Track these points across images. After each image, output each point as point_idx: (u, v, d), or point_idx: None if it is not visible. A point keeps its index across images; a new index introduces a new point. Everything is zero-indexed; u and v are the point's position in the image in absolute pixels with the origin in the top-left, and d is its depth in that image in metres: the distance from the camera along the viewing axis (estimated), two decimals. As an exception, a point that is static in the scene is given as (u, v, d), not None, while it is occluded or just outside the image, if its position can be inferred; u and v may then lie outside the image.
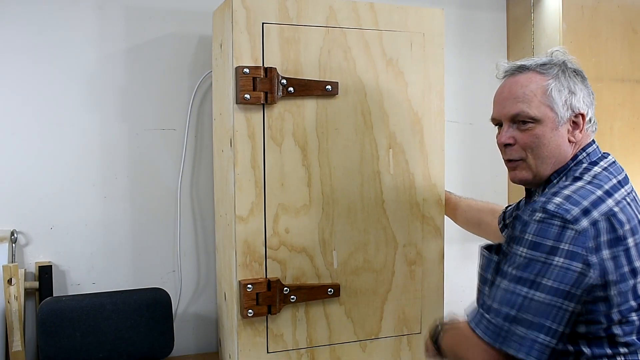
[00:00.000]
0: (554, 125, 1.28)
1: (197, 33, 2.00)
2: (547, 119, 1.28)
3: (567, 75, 1.30)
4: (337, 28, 1.66)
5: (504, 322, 1.17)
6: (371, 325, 1.76)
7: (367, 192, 1.72)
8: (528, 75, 1.31)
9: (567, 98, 1.28)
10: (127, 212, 1.97)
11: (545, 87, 1.28)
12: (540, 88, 1.29)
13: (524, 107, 1.29)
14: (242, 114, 1.59)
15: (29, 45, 1.85)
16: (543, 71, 1.30)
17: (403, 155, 1.75)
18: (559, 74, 1.30)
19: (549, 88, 1.28)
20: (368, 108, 1.70)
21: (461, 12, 2.34)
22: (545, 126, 1.29)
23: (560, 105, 1.28)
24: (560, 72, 1.30)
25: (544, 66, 1.31)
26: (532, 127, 1.29)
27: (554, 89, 1.28)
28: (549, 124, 1.28)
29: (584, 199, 1.18)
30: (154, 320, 1.83)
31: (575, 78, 1.31)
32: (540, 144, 1.29)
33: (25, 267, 1.86)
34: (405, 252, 1.77)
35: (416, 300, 1.80)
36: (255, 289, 1.60)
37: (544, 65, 1.31)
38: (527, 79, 1.31)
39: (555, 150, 1.29)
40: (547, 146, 1.29)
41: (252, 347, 1.65)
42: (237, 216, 1.60)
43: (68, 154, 1.90)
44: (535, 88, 1.29)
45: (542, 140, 1.29)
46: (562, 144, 1.30)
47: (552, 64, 1.31)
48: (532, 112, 1.29)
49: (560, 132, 1.29)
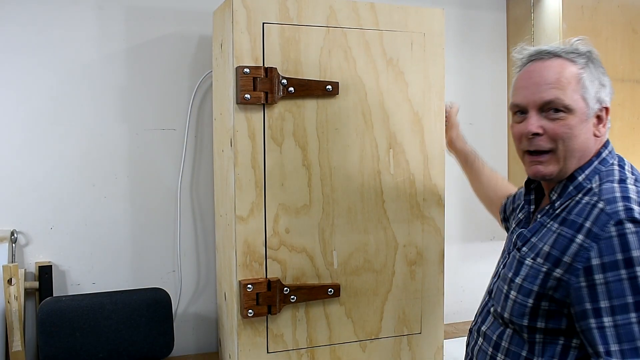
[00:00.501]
0: (584, 117, 1.21)
1: (197, 33, 2.00)
2: (578, 109, 1.20)
3: (596, 66, 1.24)
4: (337, 28, 1.66)
5: None
6: (371, 326, 1.76)
7: (368, 192, 1.72)
8: (559, 62, 1.23)
9: (598, 90, 1.22)
10: (127, 212, 1.97)
11: (579, 75, 1.21)
12: (573, 76, 1.21)
13: (558, 94, 1.20)
14: (242, 114, 1.59)
15: (29, 45, 1.85)
16: (574, 59, 1.22)
17: (403, 156, 1.75)
18: (588, 64, 1.23)
19: (582, 77, 1.21)
20: (368, 108, 1.70)
21: (461, 12, 2.34)
22: (576, 117, 1.20)
23: (592, 96, 1.21)
24: (589, 62, 1.23)
25: (572, 54, 1.23)
26: (564, 117, 1.20)
27: (586, 78, 1.21)
28: (580, 115, 1.20)
29: None
30: (154, 320, 1.83)
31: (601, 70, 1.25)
32: (571, 135, 1.20)
33: (25, 267, 1.86)
34: (405, 252, 1.77)
35: (416, 301, 1.80)
36: (256, 289, 1.60)
37: (572, 53, 1.23)
38: (559, 65, 1.22)
39: (583, 144, 1.22)
40: (577, 138, 1.21)
41: (252, 347, 1.65)
42: (237, 216, 1.60)
43: (68, 153, 1.90)
44: (569, 75, 1.21)
45: (573, 131, 1.20)
46: (590, 137, 1.22)
47: (578, 53, 1.23)
48: (567, 101, 1.20)
49: (588, 125, 1.22)
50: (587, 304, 1.11)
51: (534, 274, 1.20)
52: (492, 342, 1.30)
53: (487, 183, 1.76)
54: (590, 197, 1.18)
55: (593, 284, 1.11)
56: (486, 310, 1.37)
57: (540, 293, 1.19)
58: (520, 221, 1.39)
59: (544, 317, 1.20)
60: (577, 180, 1.23)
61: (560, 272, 1.15)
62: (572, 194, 1.23)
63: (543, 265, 1.19)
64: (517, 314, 1.22)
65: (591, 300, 1.11)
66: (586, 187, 1.22)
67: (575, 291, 1.13)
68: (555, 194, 1.26)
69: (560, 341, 1.19)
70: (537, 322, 1.21)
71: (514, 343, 1.25)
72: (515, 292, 1.23)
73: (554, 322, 1.19)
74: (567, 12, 2.13)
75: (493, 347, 1.30)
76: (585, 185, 1.22)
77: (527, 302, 1.21)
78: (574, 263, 1.13)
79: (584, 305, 1.12)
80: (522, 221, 1.38)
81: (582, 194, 1.21)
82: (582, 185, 1.23)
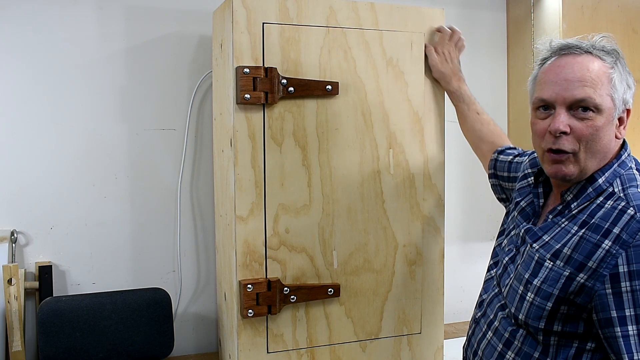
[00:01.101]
0: (611, 118, 1.18)
1: (197, 33, 2.00)
2: (607, 110, 1.17)
3: (623, 66, 1.20)
4: (337, 28, 1.66)
5: None
6: (371, 326, 1.76)
7: (368, 192, 1.72)
8: (590, 58, 1.18)
9: (625, 90, 1.19)
10: (127, 212, 1.97)
11: (610, 75, 1.17)
12: (605, 75, 1.17)
13: (591, 93, 1.16)
14: (242, 114, 1.59)
15: (29, 45, 1.85)
16: (603, 57, 1.18)
17: (403, 156, 1.75)
18: (617, 63, 1.19)
19: (613, 77, 1.17)
20: (368, 108, 1.70)
21: (461, 12, 2.34)
22: (604, 117, 1.17)
23: (620, 97, 1.18)
24: (617, 62, 1.19)
25: (601, 52, 1.19)
26: (593, 117, 1.16)
27: (616, 78, 1.17)
28: (608, 115, 1.17)
29: None
30: (154, 320, 1.83)
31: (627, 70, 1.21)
32: (597, 137, 1.17)
33: (25, 267, 1.86)
34: (405, 252, 1.77)
35: (416, 301, 1.80)
36: (256, 289, 1.60)
37: (601, 50, 1.19)
38: (589, 63, 1.18)
39: (606, 146, 1.19)
40: (602, 140, 1.18)
41: (252, 347, 1.65)
42: (237, 216, 1.60)
43: (68, 154, 1.90)
44: (601, 74, 1.17)
45: (599, 133, 1.17)
46: (612, 139, 1.20)
47: (606, 51, 1.19)
48: (598, 100, 1.16)
49: (612, 127, 1.19)
50: (613, 311, 1.10)
51: (555, 277, 1.18)
52: (503, 339, 1.28)
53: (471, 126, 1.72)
54: (617, 202, 1.16)
55: (619, 291, 1.09)
56: (497, 302, 1.33)
57: (560, 297, 1.17)
58: (524, 210, 1.36)
59: (561, 321, 1.18)
60: (597, 183, 1.21)
61: (585, 277, 1.13)
62: (591, 196, 1.21)
63: (565, 269, 1.16)
64: (534, 316, 1.20)
65: (617, 308, 1.10)
66: (607, 190, 1.20)
67: (600, 298, 1.12)
68: (571, 195, 1.23)
69: (575, 344, 1.18)
70: (554, 326, 1.19)
71: (527, 343, 1.23)
72: (532, 294, 1.21)
73: (571, 326, 1.18)
74: (567, 12, 2.13)
75: (504, 344, 1.27)
76: (605, 187, 1.20)
77: (545, 305, 1.19)
78: (600, 269, 1.12)
79: (609, 313, 1.11)
80: (529, 214, 1.35)
81: (604, 198, 1.19)
82: (601, 187, 1.20)
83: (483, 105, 1.76)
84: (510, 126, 2.43)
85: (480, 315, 1.39)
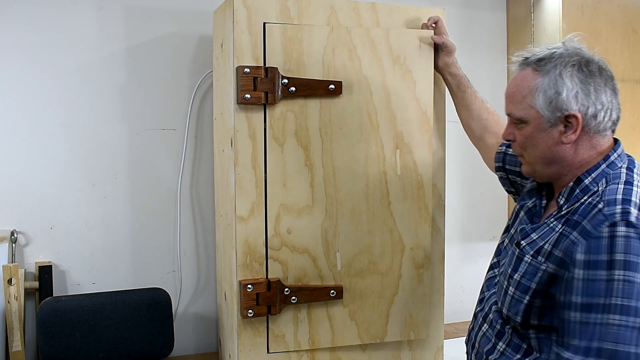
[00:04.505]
0: (542, 126, 1.24)
1: (197, 33, 2.00)
2: (533, 119, 1.24)
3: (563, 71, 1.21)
4: (341, 26, 1.65)
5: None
6: (376, 329, 1.73)
7: (373, 194, 1.70)
8: (524, 73, 1.27)
9: (553, 99, 1.21)
10: (127, 212, 1.97)
11: (533, 87, 1.23)
12: (528, 88, 1.24)
13: (512, 108, 1.28)
14: (242, 113, 1.59)
15: (29, 45, 1.85)
16: (539, 68, 1.24)
17: (411, 156, 1.73)
18: (552, 70, 1.22)
19: (536, 88, 1.23)
20: (374, 107, 1.68)
21: (461, 12, 2.34)
22: (531, 127, 1.25)
23: (544, 106, 1.22)
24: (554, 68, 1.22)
25: (540, 62, 1.24)
26: (522, 127, 1.27)
27: (540, 89, 1.22)
28: (536, 125, 1.24)
29: None
30: (154, 320, 1.83)
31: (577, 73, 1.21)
32: (530, 144, 1.27)
33: (25, 267, 1.86)
34: (413, 255, 1.74)
35: (424, 305, 1.77)
36: (256, 289, 1.60)
37: (541, 60, 1.24)
38: (522, 78, 1.27)
39: (546, 152, 1.25)
40: (536, 147, 1.26)
41: (252, 347, 1.64)
42: (238, 216, 1.60)
43: (68, 154, 1.90)
44: (524, 88, 1.25)
45: (530, 141, 1.26)
46: (553, 145, 1.24)
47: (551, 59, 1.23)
48: (518, 114, 1.26)
49: (550, 134, 1.23)
50: (562, 295, 1.15)
51: (533, 272, 1.22)
52: (495, 330, 1.33)
53: (477, 115, 1.72)
54: (593, 198, 1.19)
55: (572, 277, 1.13)
56: (493, 297, 1.38)
57: (537, 290, 1.21)
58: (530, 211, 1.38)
59: (537, 315, 1.22)
60: (583, 184, 1.24)
61: (554, 267, 1.18)
62: (578, 197, 1.23)
63: (543, 263, 1.20)
64: (514, 310, 1.25)
65: (566, 293, 1.15)
66: (593, 189, 1.22)
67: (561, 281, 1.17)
68: (563, 198, 1.27)
69: (553, 337, 1.21)
70: (531, 319, 1.23)
71: (515, 335, 1.28)
72: (513, 288, 1.26)
73: (547, 320, 1.21)
74: (567, 12, 2.13)
75: (496, 335, 1.32)
76: (592, 188, 1.23)
77: (524, 299, 1.23)
78: (564, 257, 1.16)
79: (562, 296, 1.16)
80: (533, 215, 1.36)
81: (588, 196, 1.21)
82: (588, 188, 1.23)
83: (483, 105, 1.77)
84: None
85: (479, 310, 1.43)
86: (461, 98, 1.74)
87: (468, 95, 1.72)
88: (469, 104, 1.72)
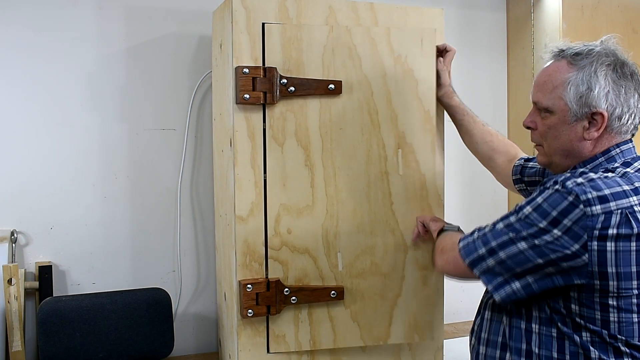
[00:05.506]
0: (567, 119, 1.27)
1: (197, 33, 2.00)
2: (560, 111, 1.27)
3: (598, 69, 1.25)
4: (341, 26, 1.65)
5: (486, 252, 1.24)
6: (379, 331, 1.72)
7: (375, 194, 1.69)
8: (558, 65, 1.30)
9: (584, 94, 1.24)
10: (127, 212, 1.97)
11: (566, 79, 1.26)
12: (560, 80, 1.27)
13: (540, 97, 1.31)
14: (241, 114, 1.59)
15: (29, 45, 1.85)
16: (574, 62, 1.27)
17: (413, 156, 1.71)
18: (587, 66, 1.26)
19: (569, 81, 1.26)
20: (375, 107, 1.68)
21: (461, 12, 2.34)
22: (557, 119, 1.28)
23: (574, 100, 1.25)
24: (590, 65, 1.26)
25: (576, 56, 1.28)
26: (546, 117, 1.30)
27: (572, 82, 1.26)
28: (561, 116, 1.27)
29: (607, 187, 1.16)
30: (154, 320, 1.83)
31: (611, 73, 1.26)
32: (551, 135, 1.30)
33: (25, 267, 1.86)
34: (416, 257, 1.73)
35: (429, 307, 1.75)
36: (255, 289, 1.60)
37: (578, 55, 1.28)
38: (555, 69, 1.30)
39: (566, 145, 1.29)
40: (557, 139, 1.29)
41: (252, 347, 1.64)
42: (237, 216, 1.60)
43: (68, 154, 1.90)
44: (556, 79, 1.28)
45: (552, 131, 1.30)
46: (574, 139, 1.28)
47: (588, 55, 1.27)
48: (545, 103, 1.29)
49: (573, 128, 1.27)
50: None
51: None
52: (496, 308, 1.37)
53: (480, 139, 1.76)
54: None
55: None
56: None
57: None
58: None
59: None
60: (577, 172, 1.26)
61: None
62: None
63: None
64: None
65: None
66: None
67: None
68: None
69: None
70: None
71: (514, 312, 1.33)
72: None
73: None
74: (567, 12, 2.13)
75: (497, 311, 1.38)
76: None
77: None
78: None
79: None
80: None
81: None
82: None
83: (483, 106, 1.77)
84: (510, 126, 2.43)
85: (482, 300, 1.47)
86: (459, 125, 1.79)
87: (466, 122, 1.77)
88: (469, 130, 1.77)
